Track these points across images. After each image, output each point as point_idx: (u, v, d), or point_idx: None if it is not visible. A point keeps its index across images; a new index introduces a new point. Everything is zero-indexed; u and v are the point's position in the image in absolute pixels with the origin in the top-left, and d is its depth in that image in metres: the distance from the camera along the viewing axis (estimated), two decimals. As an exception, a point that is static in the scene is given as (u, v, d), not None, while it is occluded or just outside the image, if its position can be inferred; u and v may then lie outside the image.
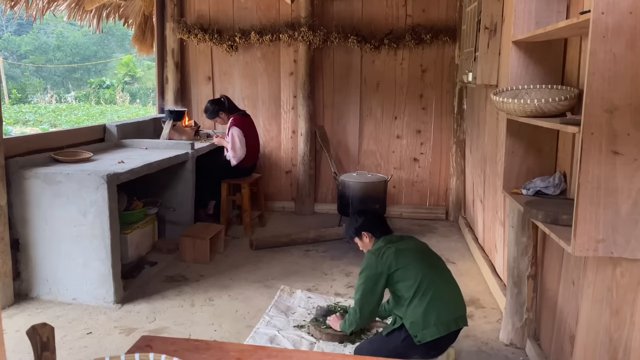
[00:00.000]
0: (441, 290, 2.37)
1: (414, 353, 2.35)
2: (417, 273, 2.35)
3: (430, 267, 2.42)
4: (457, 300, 2.44)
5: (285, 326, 2.98)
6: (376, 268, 2.41)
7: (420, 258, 2.44)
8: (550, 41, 2.32)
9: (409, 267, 2.38)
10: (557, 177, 2.33)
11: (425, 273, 2.36)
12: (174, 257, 4.04)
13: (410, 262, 2.40)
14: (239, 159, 4.63)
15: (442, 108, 5.29)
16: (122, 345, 2.75)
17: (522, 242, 2.64)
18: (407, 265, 2.39)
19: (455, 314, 2.36)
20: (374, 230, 2.60)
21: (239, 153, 4.60)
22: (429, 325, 2.29)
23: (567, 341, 2.23)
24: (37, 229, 3.24)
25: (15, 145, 3.42)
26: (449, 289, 2.43)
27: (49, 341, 1.07)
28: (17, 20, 20.78)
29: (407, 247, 2.48)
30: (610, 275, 1.82)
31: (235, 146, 4.58)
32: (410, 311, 2.33)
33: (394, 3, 5.17)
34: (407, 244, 2.51)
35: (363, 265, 2.48)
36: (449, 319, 2.32)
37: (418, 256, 2.44)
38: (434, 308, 2.30)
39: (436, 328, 2.28)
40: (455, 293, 2.45)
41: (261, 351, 1.45)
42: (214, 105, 4.69)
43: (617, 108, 1.55)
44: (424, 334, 2.29)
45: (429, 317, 2.29)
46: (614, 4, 1.50)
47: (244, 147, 4.61)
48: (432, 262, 2.48)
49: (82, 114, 14.88)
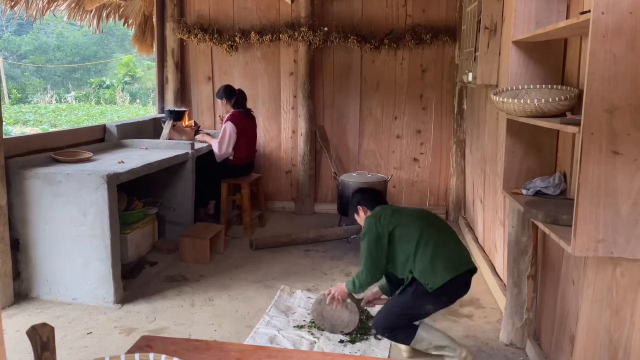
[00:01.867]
0: (443, 240, 2.51)
1: (427, 303, 2.48)
2: (417, 228, 2.50)
3: (430, 223, 2.57)
4: (461, 248, 2.58)
5: (285, 326, 2.98)
6: (376, 230, 2.54)
7: (418, 216, 2.61)
8: (550, 41, 2.32)
9: (407, 224, 2.53)
10: (557, 177, 2.33)
11: (425, 227, 2.51)
12: (174, 257, 4.04)
13: (408, 220, 2.55)
14: (223, 157, 4.62)
15: (442, 108, 5.29)
16: (122, 345, 2.75)
17: (522, 242, 2.64)
18: (405, 223, 2.54)
19: (461, 258, 2.50)
20: (369, 204, 2.74)
21: (223, 149, 4.58)
22: (438, 270, 2.40)
23: (567, 341, 2.23)
24: (37, 229, 3.24)
25: (15, 145, 3.42)
26: (450, 238, 2.57)
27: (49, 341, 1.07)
28: (17, 20, 20.79)
29: (402, 208, 2.73)
30: (610, 275, 1.82)
31: (223, 140, 4.57)
32: (417, 263, 2.44)
33: (394, 3, 5.17)
34: (401, 207, 2.75)
35: (363, 231, 2.61)
36: (456, 262, 2.45)
37: (415, 215, 2.61)
38: (440, 254, 2.43)
39: (445, 272, 2.40)
40: (458, 243, 2.59)
41: (261, 351, 1.45)
42: (225, 89, 4.76)
43: (617, 108, 1.55)
44: (434, 280, 2.40)
45: (436, 263, 2.41)
46: (614, 4, 1.50)
47: (230, 146, 4.59)
48: (431, 220, 2.62)
49: (82, 114, 14.88)
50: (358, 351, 2.71)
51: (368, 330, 2.90)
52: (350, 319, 2.81)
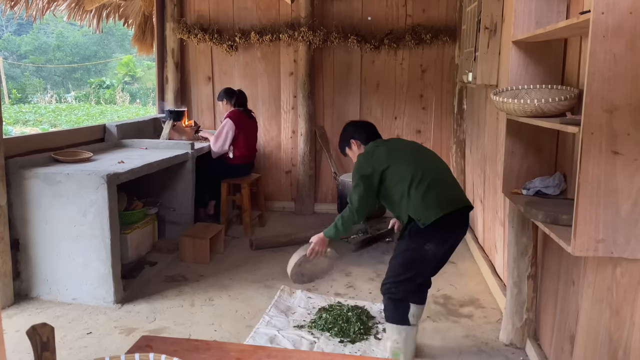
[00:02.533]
0: (437, 178, 2.45)
1: (424, 241, 2.41)
2: (410, 166, 2.44)
3: (424, 161, 2.50)
4: (456, 186, 2.53)
5: (285, 326, 2.98)
6: (367, 167, 2.48)
7: (411, 153, 2.53)
8: (550, 41, 2.32)
9: (401, 162, 2.46)
10: (557, 177, 2.33)
11: (418, 165, 2.45)
12: (174, 257, 4.04)
13: (402, 158, 2.48)
14: (218, 153, 4.64)
15: (442, 108, 5.29)
16: (122, 345, 2.75)
17: (522, 242, 2.64)
18: (399, 161, 2.46)
19: (455, 194, 2.46)
20: (362, 138, 2.65)
21: (219, 144, 4.59)
22: (430, 206, 2.36)
23: (567, 341, 2.23)
24: (37, 229, 3.24)
25: (15, 145, 3.42)
26: (445, 177, 2.51)
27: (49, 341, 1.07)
28: (17, 20, 20.79)
29: (397, 146, 2.59)
30: (610, 275, 1.82)
31: (219, 136, 4.58)
32: (411, 201, 2.40)
33: (394, 3, 5.17)
34: (396, 144, 2.62)
35: (355, 168, 2.53)
36: (449, 198, 2.41)
37: (409, 152, 2.53)
38: (433, 191, 2.38)
39: (438, 208, 2.35)
40: (452, 181, 2.54)
41: (261, 351, 1.45)
42: (225, 90, 4.83)
43: (617, 108, 1.54)
44: (426, 215, 2.35)
45: (428, 199, 2.37)
46: (614, 4, 1.50)
47: (227, 143, 4.60)
48: (424, 156, 2.56)
49: (82, 114, 14.89)
50: (358, 351, 2.71)
51: (368, 330, 2.90)
52: (330, 264, 2.79)
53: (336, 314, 3.01)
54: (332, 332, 2.87)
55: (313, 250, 2.66)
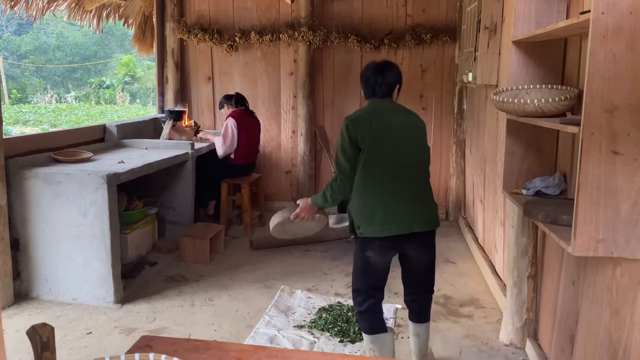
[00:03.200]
0: (403, 187, 2.21)
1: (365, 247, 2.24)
2: (384, 160, 2.20)
3: (398, 165, 2.22)
4: (422, 202, 2.25)
5: (285, 326, 2.98)
6: (347, 136, 2.22)
7: (396, 145, 2.23)
8: (550, 41, 2.32)
9: (378, 148, 2.21)
10: (557, 177, 2.33)
11: (388, 167, 2.20)
12: (174, 257, 4.04)
13: (378, 147, 2.21)
14: (226, 152, 4.64)
15: (442, 108, 5.29)
16: (122, 345, 2.75)
17: (522, 242, 2.64)
18: (373, 149, 2.21)
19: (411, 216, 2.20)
20: (364, 87, 2.37)
21: (227, 144, 4.60)
22: (374, 221, 2.16)
23: (567, 341, 2.23)
24: (37, 229, 3.24)
25: (15, 145, 3.42)
26: (414, 189, 2.24)
27: (49, 341, 1.07)
28: (17, 20, 20.78)
29: (389, 122, 2.26)
30: (610, 275, 1.82)
31: (226, 135, 4.59)
32: (359, 199, 2.21)
33: (394, 3, 5.17)
34: (389, 124, 2.26)
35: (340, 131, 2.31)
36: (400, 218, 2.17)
37: (394, 141, 2.23)
38: (387, 202, 2.17)
39: (382, 225, 2.15)
40: (421, 194, 2.26)
41: (261, 351, 1.45)
42: (224, 96, 4.89)
43: (617, 108, 1.54)
44: (366, 229, 2.18)
45: (377, 210, 2.16)
46: (614, 4, 1.50)
47: (234, 141, 4.62)
48: (404, 162, 2.25)
49: (82, 114, 14.89)
50: (358, 351, 2.71)
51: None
52: (316, 226, 2.66)
53: (336, 314, 3.01)
54: (332, 332, 2.87)
55: (298, 215, 2.47)
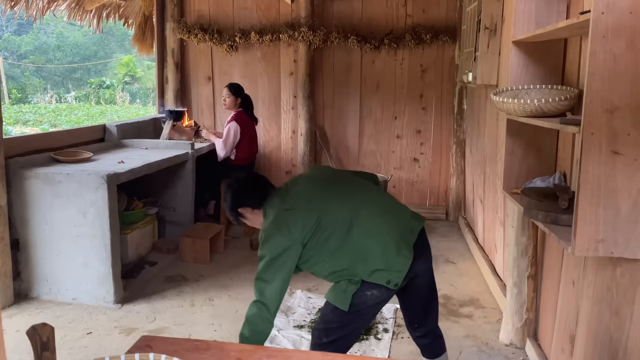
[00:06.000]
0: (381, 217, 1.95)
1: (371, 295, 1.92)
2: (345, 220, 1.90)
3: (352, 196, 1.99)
4: (398, 213, 2.02)
5: (285, 326, 2.98)
6: (284, 244, 1.88)
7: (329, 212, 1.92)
8: (550, 41, 2.32)
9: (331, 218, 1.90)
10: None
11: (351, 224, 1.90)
12: (174, 257, 4.04)
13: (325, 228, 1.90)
14: (226, 155, 4.66)
15: (442, 108, 5.29)
16: (122, 345, 2.75)
17: (522, 242, 2.64)
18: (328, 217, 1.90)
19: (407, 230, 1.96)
20: (251, 202, 2.04)
21: (228, 148, 4.62)
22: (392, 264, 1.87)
23: (567, 341, 2.23)
24: (37, 229, 3.23)
25: (15, 145, 3.42)
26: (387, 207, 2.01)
27: (49, 341, 1.07)
28: (17, 20, 20.78)
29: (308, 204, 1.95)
30: (610, 275, 1.82)
31: (227, 140, 4.60)
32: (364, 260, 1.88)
33: (394, 3, 5.17)
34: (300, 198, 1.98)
35: (262, 249, 1.92)
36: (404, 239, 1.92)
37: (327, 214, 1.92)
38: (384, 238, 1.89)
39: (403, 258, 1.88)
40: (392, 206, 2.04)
41: (261, 351, 1.45)
42: (236, 86, 4.76)
43: (617, 108, 1.54)
44: (394, 275, 1.87)
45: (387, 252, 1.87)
46: (614, 4, 1.49)
47: (233, 145, 4.64)
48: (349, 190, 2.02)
49: (82, 114, 14.88)
50: (358, 351, 2.70)
51: (368, 331, 2.90)
52: None
53: (336, 314, 3.01)
54: (332, 332, 2.86)
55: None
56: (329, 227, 1.90)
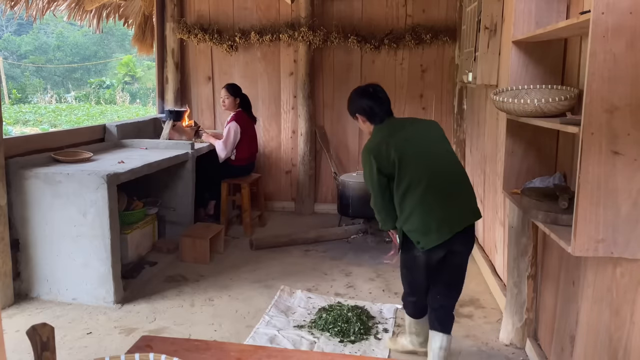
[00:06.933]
0: (444, 188, 2.28)
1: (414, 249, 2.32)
2: (413, 172, 2.26)
3: (431, 162, 2.31)
4: (464, 195, 2.36)
5: (285, 326, 2.98)
6: (370, 166, 2.31)
7: (420, 158, 2.31)
8: (550, 41, 2.32)
9: (407, 172, 2.26)
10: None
11: (424, 170, 2.27)
12: (174, 257, 4.04)
13: (409, 167, 2.27)
14: (227, 156, 4.65)
15: (442, 108, 5.29)
16: (122, 345, 2.75)
17: (522, 242, 2.64)
18: (405, 170, 2.27)
19: (460, 212, 2.30)
20: (370, 117, 2.46)
21: (229, 149, 4.62)
22: (430, 230, 2.23)
23: (567, 341, 2.23)
24: (37, 229, 3.24)
25: (15, 145, 3.42)
26: (453, 185, 2.33)
27: (49, 341, 1.07)
28: (17, 20, 20.78)
29: (405, 147, 2.31)
30: (610, 275, 1.82)
31: (228, 140, 4.60)
32: (410, 218, 2.27)
33: (394, 3, 5.17)
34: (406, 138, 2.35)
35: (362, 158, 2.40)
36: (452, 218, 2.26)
37: (417, 158, 2.30)
38: (435, 210, 2.24)
39: (440, 232, 2.23)
40: (461, 188, 2.36)
41: (261, 351, 1.45)
42: (234, 86, 4.76)
43: (617, 108, 1.54)
44: (426, 240, 2.25)
45: (428, 221, 2.23)
46: (614, 4, 1.50)
47: (234, 145, 4.64)
48: (435, 156, 2.36)
49: (82, 114, 14.88)
50: (358, 351, 2.71)
51: (368, 330, 2.90)
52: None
53: (336, 314, 3.01)
54: (332, 332, 2.87)
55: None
56: (405, 178, 2.27)
